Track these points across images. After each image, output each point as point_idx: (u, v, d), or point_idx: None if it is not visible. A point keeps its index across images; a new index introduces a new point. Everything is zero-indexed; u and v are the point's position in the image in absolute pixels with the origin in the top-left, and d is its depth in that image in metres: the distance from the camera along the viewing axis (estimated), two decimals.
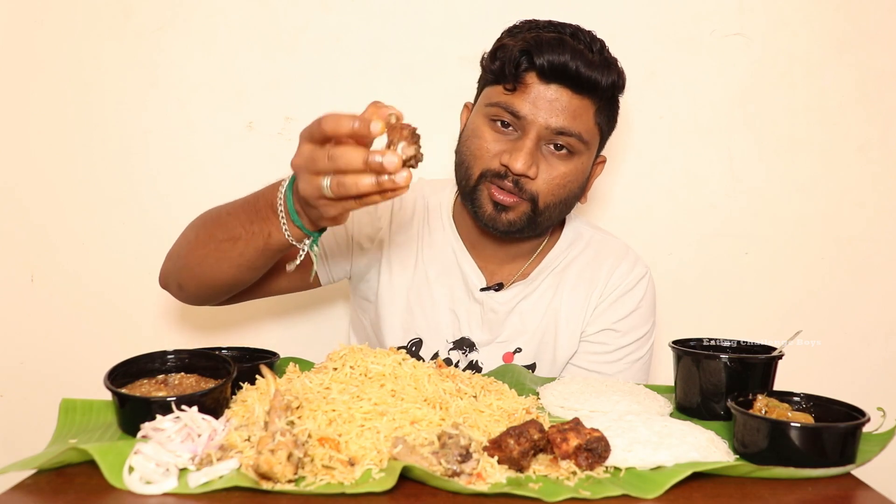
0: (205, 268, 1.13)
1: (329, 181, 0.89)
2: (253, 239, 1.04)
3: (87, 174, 1.70)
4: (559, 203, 1.26)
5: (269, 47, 1.68)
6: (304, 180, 0.92)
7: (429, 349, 1.36)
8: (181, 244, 1.20)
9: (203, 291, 1.18)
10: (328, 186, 0.89)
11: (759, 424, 0.86)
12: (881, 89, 1.74)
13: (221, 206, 1.16)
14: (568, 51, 1.18)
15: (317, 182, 0.90)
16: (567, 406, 1.00)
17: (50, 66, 1.67)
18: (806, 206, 1.77)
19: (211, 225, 1.12)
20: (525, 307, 1.35)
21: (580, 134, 1.22)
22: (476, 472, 0.78)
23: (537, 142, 1.21)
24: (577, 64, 1.18)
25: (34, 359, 1.74)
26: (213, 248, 1.10)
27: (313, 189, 0.91)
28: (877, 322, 1.81)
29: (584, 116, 1.22)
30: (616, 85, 1.24)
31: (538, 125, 1.20)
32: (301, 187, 0.93)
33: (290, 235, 1.00)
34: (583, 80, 1.20)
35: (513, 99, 1.21)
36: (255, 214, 1.04)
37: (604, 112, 1.26)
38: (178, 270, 1.19)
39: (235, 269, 1.10)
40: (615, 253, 1.39)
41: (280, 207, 0.99)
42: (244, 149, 1.70)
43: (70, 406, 0.94)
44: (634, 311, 1.36)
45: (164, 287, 1.27)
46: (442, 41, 1.68)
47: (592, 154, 1.29)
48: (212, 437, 0.81)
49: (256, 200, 1.05)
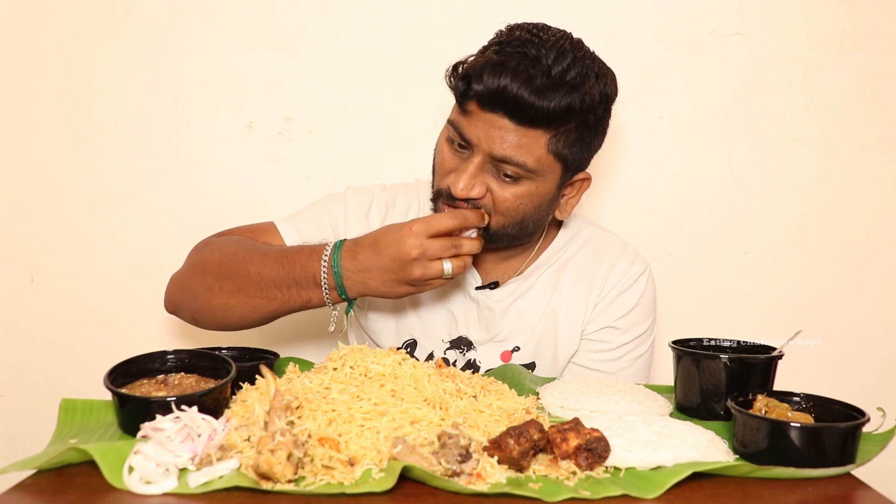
0: (229, 315, 1.20)
1: (450, 266, 1.13)
2: (289, 302, 1.17)
3: (87, 174, 1.70)
4: (514, 223, 1.22)
5: (269, 47, 1.68)
6: (421, 267, 1.11)
7: (423, 350, 1.36)
8: (198, 284, 1.22)
9: (221, 327, 1.25)
10: (450, 271, 1.13)
11: (759, 424, 0.86)
12: (881, 89, 1.74)
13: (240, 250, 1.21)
14: (509, 75, 1.09)
15: (438, 267, 1.13)
16: (567, 406, 1.00)
17: (49, 66, 1.67)
18: (806, 206, 1.77)
19: (239, 280, 1.18)
20: (522, 305, 1.35)
21: (524, 164, 1.15)
22: (476, 472, 0.78)
23: (481, 166, 1.17)
24: (518, 91, 1.09)
25: (34, 359, 1.74)
26: (243, 301, 1.18)
27: (434, 273, 1.12)
28: (877, 322, 1.81)
29: (530, 146, 1.14)
30: (574, 109, 1.12)
31: (483, 150, 1.15)
32: (418, 273, 1.11)
33: (331, 302, 1.16)
34: (523, 109, 1.10)
35: (463, 121, 1.17)
36: (292, 282, 1.15)
37: (564, 138, 1.15)
38: (196, 309, 1.24)
39: (263, 319, 1.21)
40: (614, 249, 1.38)
41: (324, 280, 1.13)
42: (244, 149, 1.71)
43: (70, 406, 0.94)
44: (634, 308, 1.35)
45: (172, 313, 1.30)
46: (442, 41, 1.68)
47: (552, 178, 1.20)
48: (212, 437, 0.81)
49: (293, 268, 1.15)
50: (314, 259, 1.12)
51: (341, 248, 1.15)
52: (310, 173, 1.72)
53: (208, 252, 1.25)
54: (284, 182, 1.72)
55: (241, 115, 1.70)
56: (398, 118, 1.71)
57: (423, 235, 1.11)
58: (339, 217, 1.36)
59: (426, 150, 1.73)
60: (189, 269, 1.26)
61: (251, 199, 1.71)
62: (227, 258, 1.20)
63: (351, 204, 1.36)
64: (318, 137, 1.71)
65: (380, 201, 1.38)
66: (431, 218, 1.14)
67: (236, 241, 1.25)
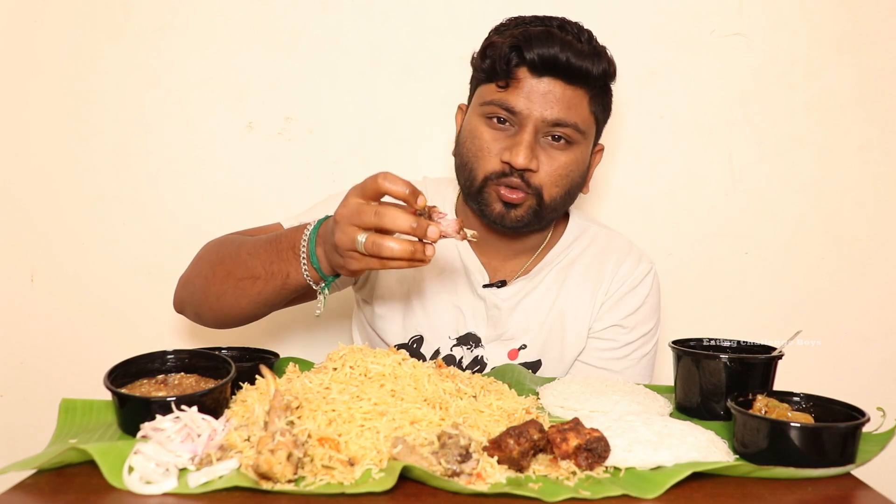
0: (223, 303, 1.18)
1: (364, 238, 0.95)
2: (272, 279, 1.11)
3: (87, 174, 1.70)
4: (563, 194, 1.28)
5: (269, 47, 1.68)
6: (342, 231, 0.97)
7: (430, 346, 1.36)
8: (197, 276, 1.23)
9: (221, 321, 1.24)
10: (362, 242, 0.95)
11: (759, 424, 0.86)
12: (881, 89, 1.74)
13: (237, 240, 1.21)
14: (557, 43, 1.19)
15: (353, 235, 0.96)
16: (567, 406, 1.00)
17: (49, 66, 1.67)
18: (806, 206, 1.77)
19: (230, 262, 1.17)
20: (529, 304, 1.36)
21: (576, 124, 1.23)
22: (476, 472, 0.78)
23: (535, 135, 1.22)
24: (567, 55, 1.19)
25: (34, 359, 1.74)
26: (232, 285, 1.15)
27: (348, 241, 0.97)
28: (877, 322, 1.81)
29: (578, 106, 1.23)
30: (607, 73, 1.25)
31: (534, 118, 1.21)
32: (337, 236, 0.98)
33: (309, 277, 1.08)
34: (574, 71, 1.20)
35: (506, 95, 1.23)
36: (275, 255, 1.10)
37: (597, 101, 1.27)
38: (196, 302, 1.24)
39: (254, 305, 1.17)
40: (620, 248, 1.40)
41: (302, 250, 1.06)
42: (244, 149, 1.71)
43: (70, 406, 0.94)
44: (641, 306, 1.37)
45: (179, 312, 1.31)
46: (442, 41, 1.68)
47: (590, 143, 1.30)
48: (212, 437, 0.81)
49: (279, 241, 1.11)
50: (298, 231, 1.09)
51: (325, 219, 1.10)
52: (310, 173, 1.72)
53: (208, 247, 1.27)
54: (284, 182, 1.72)
55: (241, 115, 1.70)
56: (398, 118, 1.71)
57: (353, 195, 0.98)
58: None
59: (426, 149, 1.75)
60: (191, 265, 1.28)
61: (251, 199, 1.72)
62: (223, 248, 1.22)
63: None
64: (318, 137, 1.71)
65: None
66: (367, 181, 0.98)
67: (237, 235, 1.26)
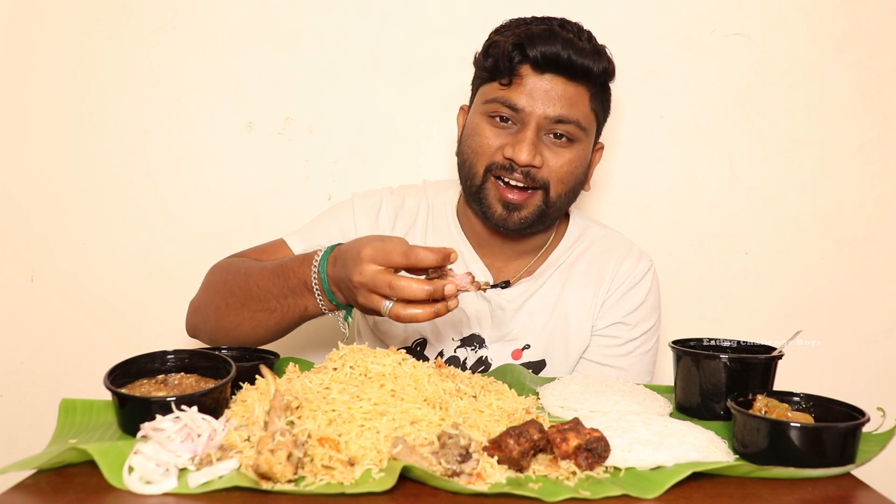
0: (240, 332, 1.19)
1: (390, 305, 1.00)
2: (289, 312, 1.14)
3: (87, 174, 1.70)
4: (568, 191, 1.29)
5: (269, 47, 1.68)
6: (364, 297, 1.02)
7: (434, 349, 1.36)
8: (208, 304, 1.24)
9: (237, 345, 1.24)
10: (388, 308, 1.00)
11: (759, 424, 0.86)
12: (881, 89, 1.74)
13: (243, 268, 1.22)
14: (559, 40, 1.21)
15: (377, 303, 1.01)
16: (567, 406, 1.00)
17: (49, 66, 1.67)
18: (806, 206, 1.77)
19: (241, 295, 1.18)
20: (532, 304, 1.36)
21: (578, 120, 1.24)
22: (476, 472, 0.78)
23: (537, 132, 1.24)
24: (568, 52, 1.21)
25: (34, 359, 1.74)
26: (248, 316, 1.17)
27: (373, 306, 1.01)
28: (877, 322, 1.81)
29: (580, 104, 1.25)
30: (608, 71, 1.27)
31: (537, 116, 1.22)
32: (361, 301, 1.02)
33: (326, 309, 1.11)
34: (576, 68, 1.22)
35: (509, 93, 1.24)
36: (288, 290, 1.12)
37: (598, 98, 1.29)
38: (210, 329, 1.24)
39: (272, 333, 1.19)
40: (620, 248, 1.41)
41: (315, 286, 1.09)
42: (244, 149, 1.71)
43: (70, 406, 0.94)
44: (642, 303, 1.38)
45: (192, 336, 1.31)
46: (442, 41, 1.68)
47: (591, 141, 1.32)
48: (212, 437, 0.81)
49: (287, 277, 1.12)
50: (305, 266, 1.10)
51: (329, 253, 1.11)
52: (310, 173, 1.72)
53: (215, 274, 1.27)
54: (284, 182, 1.72)
55: (241, 115, 1.70)
56: (398, 118, 1.71)
57: (370, 262, 1.00)
58: (347, 224, 1.36)
59: (426, 149, 1.75)
60: (201, 292, 1.28)
61: (251, 199, 1.72)
62: (231, 276, 1.22)
63: (359, 209, 1.37)
64: (318, 137, 1.71)
65: (388, 203, 1.38)
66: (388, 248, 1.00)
67: (241, 261, 1.27)
